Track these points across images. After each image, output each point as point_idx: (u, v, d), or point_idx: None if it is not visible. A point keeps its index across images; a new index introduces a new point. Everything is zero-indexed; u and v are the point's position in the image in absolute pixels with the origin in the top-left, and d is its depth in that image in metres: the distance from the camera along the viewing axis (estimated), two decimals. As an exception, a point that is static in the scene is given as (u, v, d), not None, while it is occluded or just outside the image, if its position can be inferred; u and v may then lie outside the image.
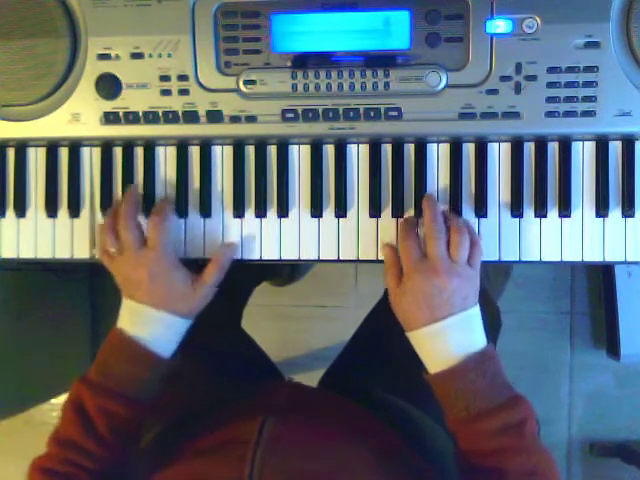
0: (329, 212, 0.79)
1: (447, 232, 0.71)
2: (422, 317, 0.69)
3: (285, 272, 1.58)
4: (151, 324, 0.73)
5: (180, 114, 0.77)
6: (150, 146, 0.80)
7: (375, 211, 0.78)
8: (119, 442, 0.71)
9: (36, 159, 0.82)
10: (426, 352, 0.70)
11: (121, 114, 0.78)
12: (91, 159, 0.81)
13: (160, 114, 0.78)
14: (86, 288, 1.56)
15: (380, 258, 0.77)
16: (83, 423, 0.69)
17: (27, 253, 0.82)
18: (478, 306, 0.70)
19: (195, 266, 0.77)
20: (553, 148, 0.76)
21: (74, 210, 0.81)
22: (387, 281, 0.73)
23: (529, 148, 0.77)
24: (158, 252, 0.73)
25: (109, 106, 0.78)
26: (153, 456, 0.75)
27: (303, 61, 0.76)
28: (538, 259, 0.76)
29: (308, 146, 0.79)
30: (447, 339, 0.68)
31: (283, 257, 0.79)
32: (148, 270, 0.73)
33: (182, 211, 0.80)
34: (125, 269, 0.74)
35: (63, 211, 0.82)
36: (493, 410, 0.66)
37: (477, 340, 0.69)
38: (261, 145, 0.79)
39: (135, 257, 0.73)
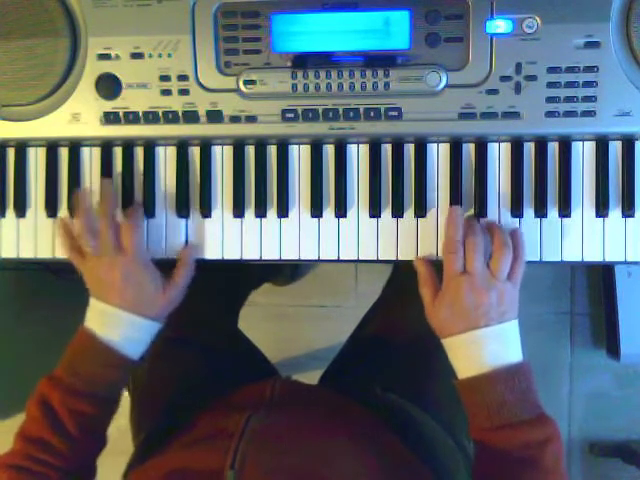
0: (329, 212, 0.78)
1: (490, 245, 0.71)
2: (457, 328, 0.69)
3: (285, 272, 1.58)
4: (121, 326, 0.74)
5: (180, 114, 0.77)
6: (150, 146, 0.80)
7: (375, 211, 0.78)
8: (88, 440, 0.72)
9: (36, 159, 0.82)
10: (458, 358, 0.71)
11: (121, 114, 0.78)
12: (91, 159, 0.81)
13: (160, 114, 0.78)
14: (86, 288, 1.55)
15: (381, 258, 0.77)
16: (52, 422, 0.71)
17: (27, 253, 0.82)
18: (516, 321, 0.70)
19: (167, 269, 0.78)
20: (553, 148, 0.76)
21: (74, 210, 0.81)
22: (423, 294, 0.73)
23: (529, 148, 0.76)
24: (132, 255, 0.74)
25: (109, 106, 0.78)
26: (144, 453, 0.76)
27: (303, 61, 0.75)
28: (538, 259, 0.76)
29: (308, 146, 0.79)
30: (481, 348, 0.68)
31: (283, 257, 0.79)
32: (122, 273, 0.74)
33: (183, 211, 0.80)
34: (98, 270, 0.75)
35: (63, 211, 0.82)
36: (516, 425, 0.66)
37: (511, 354, 0.69)
38: (261, 145, 0.79)
39: (110, 259, 0.74)
